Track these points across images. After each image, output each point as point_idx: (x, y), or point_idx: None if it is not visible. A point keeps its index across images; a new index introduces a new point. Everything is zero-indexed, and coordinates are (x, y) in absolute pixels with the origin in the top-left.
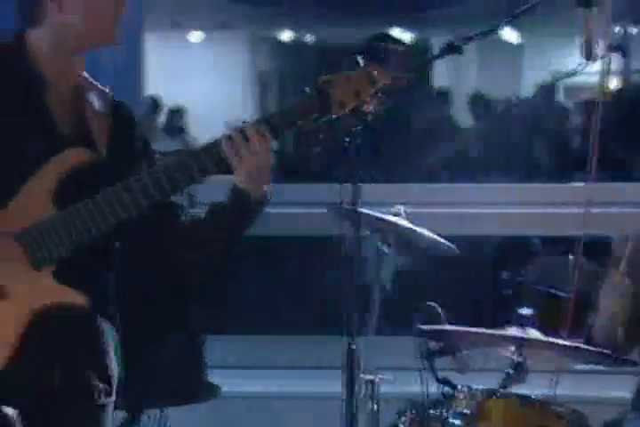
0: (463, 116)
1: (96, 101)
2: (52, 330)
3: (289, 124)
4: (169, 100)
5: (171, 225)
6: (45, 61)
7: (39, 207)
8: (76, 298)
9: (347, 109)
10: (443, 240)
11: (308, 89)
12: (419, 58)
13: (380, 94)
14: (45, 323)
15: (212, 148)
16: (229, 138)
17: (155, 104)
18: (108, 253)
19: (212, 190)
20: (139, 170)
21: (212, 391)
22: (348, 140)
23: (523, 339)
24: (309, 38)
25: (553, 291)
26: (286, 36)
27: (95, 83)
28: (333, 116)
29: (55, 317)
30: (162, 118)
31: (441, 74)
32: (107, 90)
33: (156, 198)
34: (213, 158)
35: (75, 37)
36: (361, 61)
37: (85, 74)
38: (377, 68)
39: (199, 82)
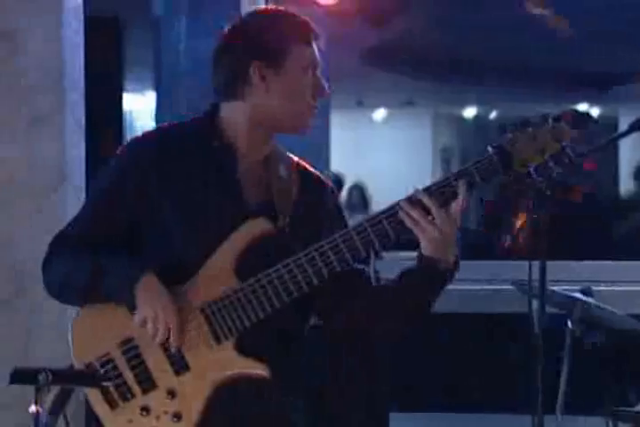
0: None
1: (284, 170)
2: (234, 403)
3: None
4: (352, 176)
5: (360, 291)
6: (240, 134)
7: (222, 280)
8: (258, 368)
9: (529, 168)
10: (633, 319)
11: (489, 148)
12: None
13: (568, 161)
14: (228, 396)
15: (392, 216)
16: (402, 208)
17: (337, 181)
18: (296, 324)
19: (397, 267)
20: (323, 238)
21: None
22: (536, 215)
23: None
24: (492, 115)
25: None
26: (469, 112)
27: (285, 152)
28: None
29: (237, 389)
30: (344, 194)
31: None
32: (296, 159)
33: (336, 268)
34: (393, 226)
35: (270, 119)
36: (550, 119)
37: (275, 143)
38: (561, 125)
39: (382, 158)
